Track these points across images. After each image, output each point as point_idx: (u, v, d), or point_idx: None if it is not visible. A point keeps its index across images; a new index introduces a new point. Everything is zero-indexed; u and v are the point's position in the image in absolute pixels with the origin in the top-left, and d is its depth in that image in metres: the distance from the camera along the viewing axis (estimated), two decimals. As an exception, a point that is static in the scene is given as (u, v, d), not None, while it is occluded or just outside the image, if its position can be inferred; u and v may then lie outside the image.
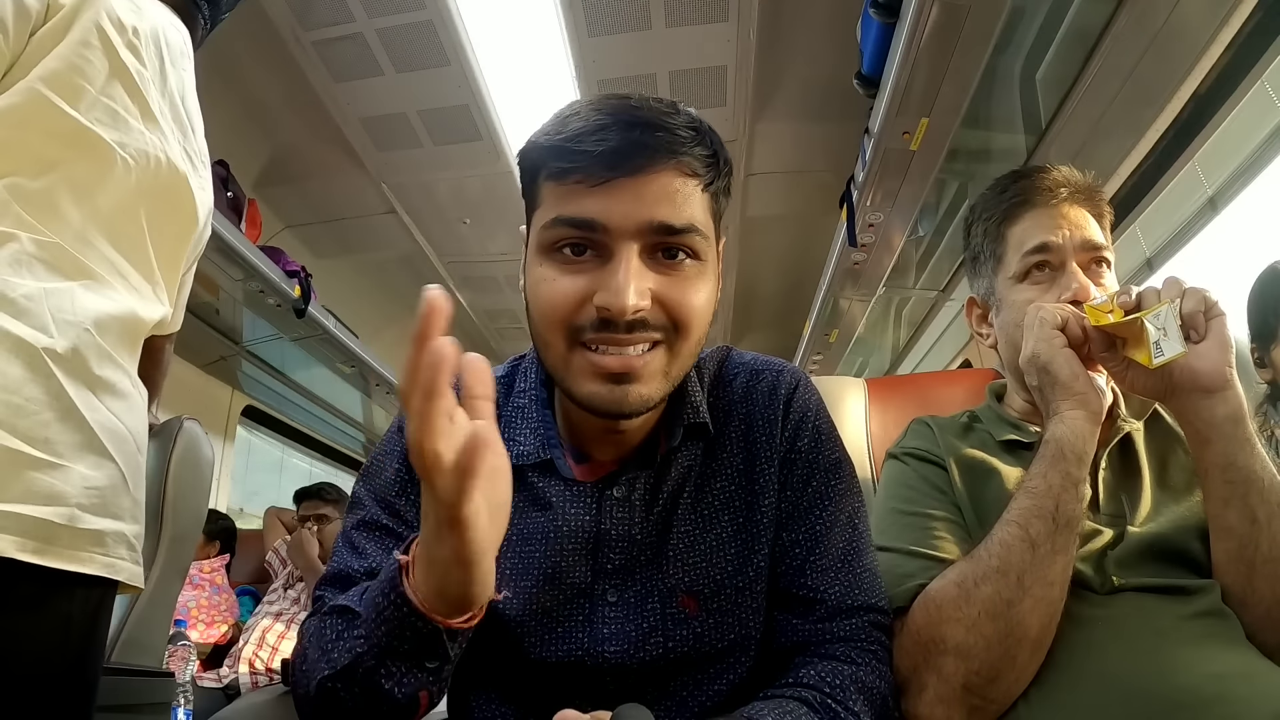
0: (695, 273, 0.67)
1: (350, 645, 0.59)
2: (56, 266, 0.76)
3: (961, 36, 1.49)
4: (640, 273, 0.63)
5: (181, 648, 2.01)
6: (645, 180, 0.63)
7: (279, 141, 2.77)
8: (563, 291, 0.65)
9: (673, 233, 0.64)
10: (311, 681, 0.62)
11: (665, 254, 0.65)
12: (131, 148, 0.84)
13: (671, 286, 0.65)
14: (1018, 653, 0.72)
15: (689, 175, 0.65)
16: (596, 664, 0.71)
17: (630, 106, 0.65)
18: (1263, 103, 1.48)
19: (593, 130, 0.63)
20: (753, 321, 4.27)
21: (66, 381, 0.73)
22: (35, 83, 0.76)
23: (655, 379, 0.66)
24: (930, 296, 2.85)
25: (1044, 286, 0.94)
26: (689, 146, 0.65)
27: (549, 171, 0.66)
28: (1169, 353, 0.75)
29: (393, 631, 0.57)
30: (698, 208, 0.66)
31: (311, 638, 0.65)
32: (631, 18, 2.16)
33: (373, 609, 0.58)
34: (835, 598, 0.73)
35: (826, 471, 0.79)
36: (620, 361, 0.64)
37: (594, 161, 0.62)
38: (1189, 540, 0.81)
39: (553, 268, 0.66)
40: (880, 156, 1.89)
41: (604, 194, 0.63)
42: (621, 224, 0.63)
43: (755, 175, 2.89)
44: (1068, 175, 0.98)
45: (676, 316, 0.65)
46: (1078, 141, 1.76)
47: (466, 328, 4.21)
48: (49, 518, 0.70)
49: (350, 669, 0.59)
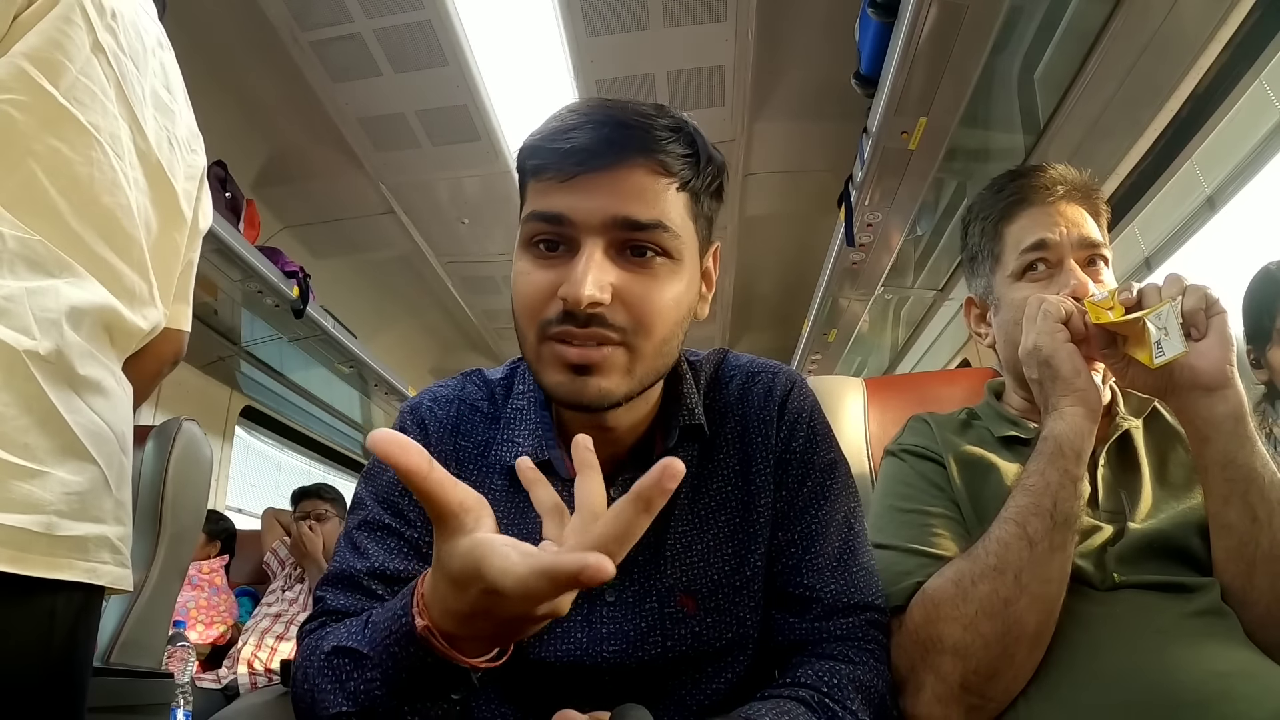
0: (665, 272, 0.67)
1: (367, 689, 0.58)
2: (39, 263, 0.75)
3: (960, 36, 1.49)
4: (602, 266, 0.64)
5: (180, 648, 2.01)
6: (614, 176, 0.64)
7: (277, 142, 2.77)
8: (534, 284, 0.66)
9: (639, 228, 0.64)
10: (325, 713, 0.61)
11: (634, 251, 0.65)
12: (107, 132, 0.81)
13: (635, 283, 0.65)
14: (1016, 651, 0.72)
15: (661, 173, 0.65)
16: (595, 664, 0.71)
17: (606, 105, 0.66)
18: (1261, 102, 1.48)
19: (566, 129, 0.65)
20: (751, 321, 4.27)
21: (47, 384, 0.72)
22: (17, 57, 0.74)
23: (615, 374, 0.66)
24: (928, 296, 2.85)
25: (1042, 284, 0.94)
26: (663, 144, 0.65)
27: (528, 170, 0.68)
28: (1170, 352, 0.75)
29: (415, 676, 0.56)
30: (670, 205, 0.66)
31: (321, 666, 0.63)
32: (629, 18, 2.16)
33: (388, 658, 0.56)
34: (831, 596, 0.73)
35: (822, 471, 0.79)
36: (579, 353, 0.64)
37: (563, 158, 0.64)
38: (1189, 537, 0.81)
39: (528, 262, 0.67)
40: (878, 156, 1.89)
41: (572, 189, 0.64)
42: (587, 218, 0.64)
43: (753, 175, 2.89)
44: (1064, 173, 0.98)
45: (637, 315, 0.65)
46: (1076, 141, 1.76)
47: (465, 328, 4.21)
48: (26, 526, 0.69)
49: (370, 711, 0.58)
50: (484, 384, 0.85)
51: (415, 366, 4.36)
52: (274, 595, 2.69)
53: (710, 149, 0.70)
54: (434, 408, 0.82)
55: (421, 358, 4.50)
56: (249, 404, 3.75)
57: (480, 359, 4.46)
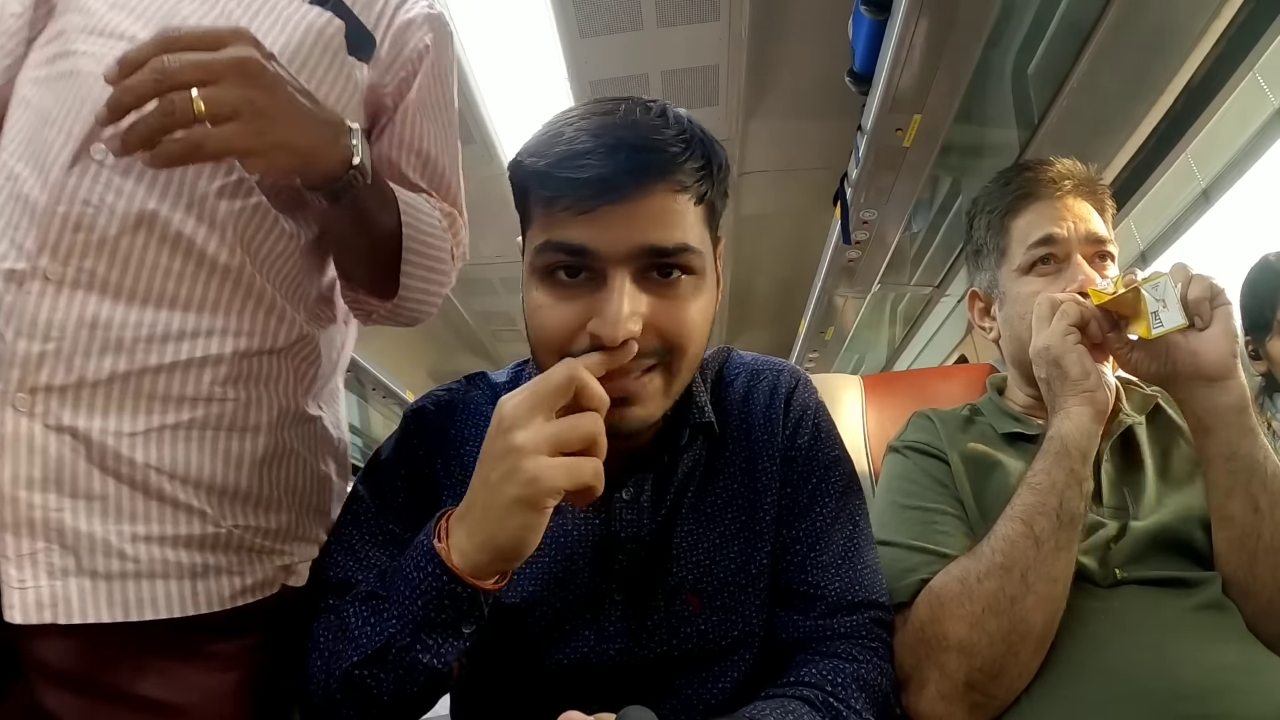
0: (691, 289, 0.66)
1: (382, 627, 0.61)
2: None
3: (953, 32, 1.49)
4: (634, 296, 0.62)
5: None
6: (634, 204, 0.61)
7: (271, 146, 2.76)
8: (558, 319, 0.64)
9: (665, 254, 0.63)
10: (334, 674, 0.62)
11: (660, 273, 0.64)
12: None
13: (665, 309, 0.64)
14: (1021, 649, 0.72)
15: (680, 191, 0.63)
16: (602, 662, 0.71)
17: (615, 125, 0.63)
18: (1255, 94, 1.48)
19: (578, 155, 0.61)
20: (748, 320, 4.28)
21: None
22: None
23: (654, 399, 0.66)
24: (925, 292, 2.86)
25: (1049, 279, 0.93)
26: (679, 163, 0.63)
27: (536, 197, 0.65)
28: (1168, 324, 0.75)
29: (430, 603, 0.59)
30: (691, 224, 0.65)
31: (328, 632, 0.66)
32: (623, 18, 2.16)
33: (405, 584, 0.60)
34: (835, 594, 0.73)
35: (826, 468, 0.79)
36: (617, 386, 0.63)
37: (579, 188, 0.61)
38: (1192, 530, 0.81)
39: (547, 293, 0.65)
40: (874, 153, 1.89)
41: (592, 220, 0.61)
42: (612, 250, 0.62)
43: (749, 174, 2.89)
44: (1071, 168, 0.98)
45: (672, 340, 0.65)
46: (1071, 135, 1.76)
47: (462, 330, 4.21)
48: None
49: (383, 651, 0.60)
50: (488, 387, 0.84)
51: (412, 369, 4.36)
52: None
53: (715, 148, 0.68)
54: (436, 411, 0.81)
55: (418, 360, 4.50)
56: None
57: (477, 361, 4.45)
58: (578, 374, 0.58)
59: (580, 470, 0.57)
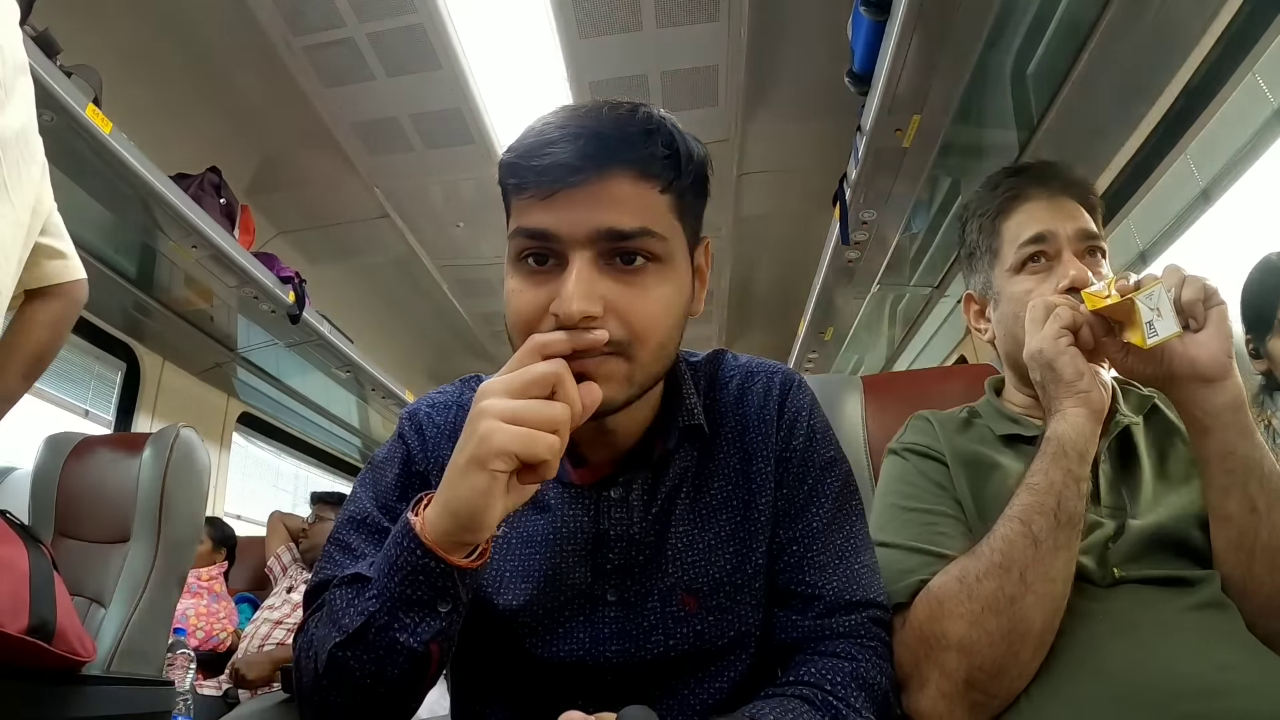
0: (656, 276, 0.67)
1: (362, 607, 0.62)
2: None
3: (952, 32, 1.49)
4: (591, 279, 0.63)
5: (181, 655, 2.00)
6: (593, 188, 0.63)
7: (271, 147, 2.77)
8: (527, 302, 0.66)
9: (624, 237, 0.64)
10: (320, 656, 0.63)
11: (623, 259, 0.65)
12: None
13: (625, 295, 0.65)
14: (1021, 649, 0.72)
15: (642, 178, 0.65)
16: (598, 663, 0.72)
17: (580, 115, 0.66)
18: (1254, 94, 1.49)
19: (541, 145, 0.64)
20: (748, 321, 4.28)
21: None
22: None
23: (614, 382, 0.65)
24: (924, 293, 2.85)
25: (1041, 276, 0.94)
26: (640, 149, 0.65)
27: (509, 187, 0.68)
28: (1163, 333, 0.75)
29: (406, 579, 0.60)
30: (655, 209, 0.66)
31: (319, 625, 0.66)
32: (622, 19, 2.16)
33: (385, 563, 0.62)
34: (833, 593, 0.73)
35: (821, 469, 0.79)
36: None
37: (541, 174, 0.63)
38: (1189, 529, 0.81)
39: (519, 279, 0.68)
40: (873, 154, 1.89)
41: (554, 205, 0.64)
42: (571, 233, 0.64)
43: (748, 174, 2.89)
44: (1058, 169, 1.00)
45: (631, 324, 0.65)
46: (1070, 136, 1.76)
47: (461, 331, 4.21)
48: None
49: (363, 630, 0.61)
50: None
51: (412, 370, 4.36)
52: (277, 597, 2.68)
53: (690, 143, 0.69)
54: (432, 413, 0.82)
55: (418, 361, 4.50)
56: (246, 410, 3.74)
57: (476, 362, 4.45)
58: (559, 371, 0.60)
59: (534, 441, 0.57)
